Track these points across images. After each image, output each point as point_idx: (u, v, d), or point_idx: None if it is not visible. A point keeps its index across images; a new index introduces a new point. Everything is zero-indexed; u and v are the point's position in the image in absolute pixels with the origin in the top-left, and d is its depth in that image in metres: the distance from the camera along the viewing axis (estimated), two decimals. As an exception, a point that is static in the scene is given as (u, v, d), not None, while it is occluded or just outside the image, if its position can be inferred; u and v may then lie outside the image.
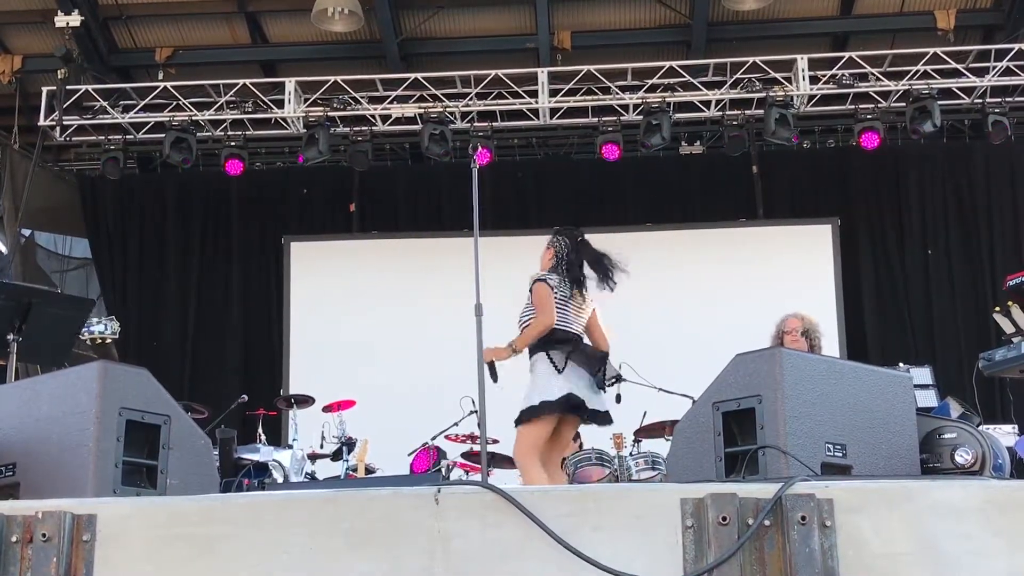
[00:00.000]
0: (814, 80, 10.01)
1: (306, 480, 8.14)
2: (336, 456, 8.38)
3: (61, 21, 9.97)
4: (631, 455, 7.78)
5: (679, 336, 10.24)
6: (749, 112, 10.25)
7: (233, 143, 10.45)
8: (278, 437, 9.52)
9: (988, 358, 5.17)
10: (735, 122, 10.27)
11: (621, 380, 5.62)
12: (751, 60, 10.01)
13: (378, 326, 10.69)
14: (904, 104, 9.98)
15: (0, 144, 10.98)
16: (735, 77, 10.04)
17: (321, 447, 8.60)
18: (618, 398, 5.78)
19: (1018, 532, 2.29)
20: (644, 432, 7.95)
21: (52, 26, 10.20)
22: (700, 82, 10.09)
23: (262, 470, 7.74)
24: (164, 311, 11.38)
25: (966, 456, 3.45)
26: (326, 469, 8.81)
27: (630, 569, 2.24)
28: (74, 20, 9.98)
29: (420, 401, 9.58)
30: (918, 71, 9.91)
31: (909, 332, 10.89)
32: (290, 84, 10.27)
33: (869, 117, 10.04)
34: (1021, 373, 5.05)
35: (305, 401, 8.87)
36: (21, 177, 10.89)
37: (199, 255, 11.56)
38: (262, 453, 8.09)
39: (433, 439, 8.43)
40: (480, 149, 7.64)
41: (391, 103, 10.34)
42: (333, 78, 10.26)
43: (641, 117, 10.08)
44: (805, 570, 2.19)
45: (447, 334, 9.02)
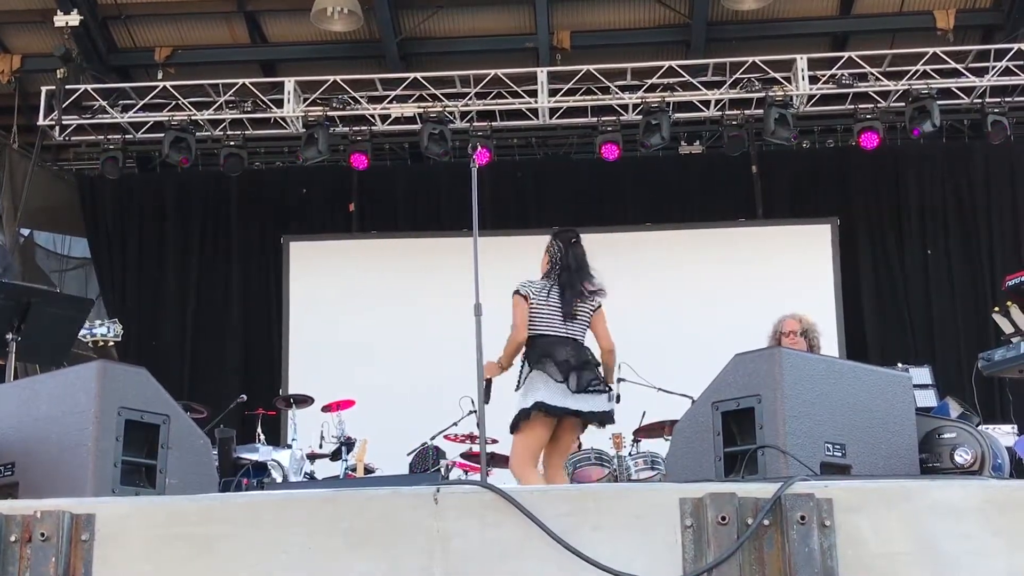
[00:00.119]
0: (813, 80, 10.00)
1: (305, 480, 8.14)
2: (335, 456, 8.38)
3: (60, 21, 9.96)
4: (630, 455, 7.80)
5: (678, 336, 10.24)
6: (748, 112, 10.25)
7: (232, 143, 10.45)
8: (277, 437, 9.52)
9: (987, 358, 5.17)
10: (734, 122, 10.26)
11: (609, 390, 5.60)
12: (750, 60, 10.01)
13: (377, 326, 10.69)
14: (903, 104, 9.97)
15: (-1, 143, 10.99)
16: (734, 77, 10.04)
17: (320, 447, 8.60)
18: (617, 398, 5.79)
19: (1017, 532, 2.29)
20: (643, 432, 7.96)
21: (51, 26, 10.19)
22: (699, 82, 10.08)
23: (261, 470, 7.75)
24: (163, 311, 11.38)
25: (965, 456, 3.45)
26: (325, 469, 8.80)
27: (629, 569, 2.24)
28: (73, 20, 9.97)
29: (419, 401, 9.58)
30: (917, 71, 9.91)
31: (908, 332, 10.89)
32: (289, 84, 10.27)
33: (868, 117, 10.04)
34: (1020, 373, 5.04)
35: (304, 401, 8.87)
36: (20, 176, 10.89)
37: (198, 255, 11.56)
38: (261, 453, 8.09)
39: (432, 439, 8.44)
40: (479, 149, 7.65)
41: (390, 103, 10.33)
42: (332, 78, 10.26)
43: (640, 117, 10.07)
44: (804, 570, 2.19)
45: (446, 334, 9.02)
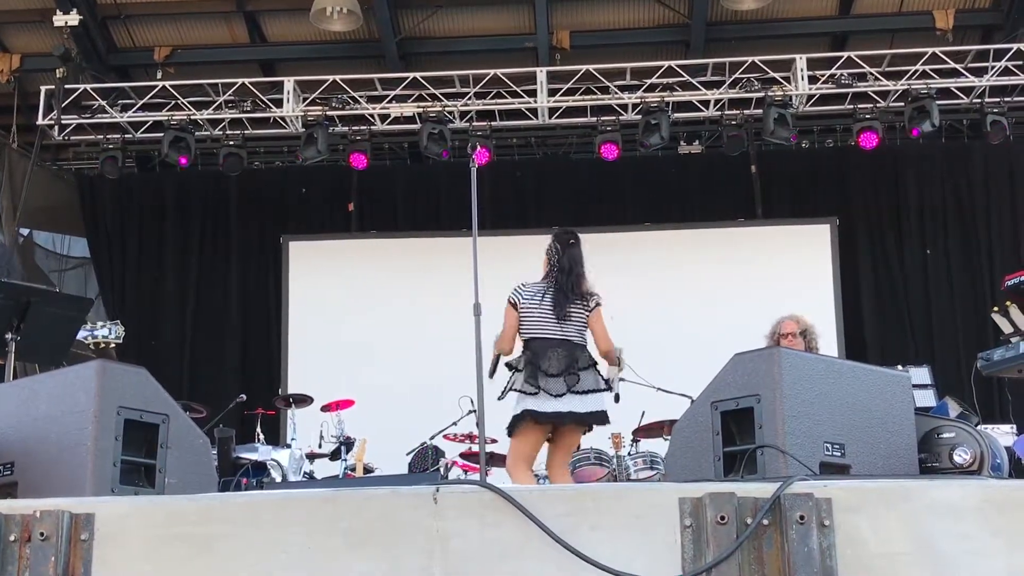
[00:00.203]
0: (813, 80, 10.00)
1: (304, 479, 8.14)
2: (334, 455, 8.37)
3: (60, 20, 9.96)
4: (629, 455, 7.81)
5: (678, 335, 10.23)
6: (748, 112, 10.24)
7: (232, 142, 10.45)
8: (276, 436, 9.51)
9: (987, 358, 5.17)
10: (734, 122, 10.25)
11: (608, 389, 5.61)
12: (750, 60, 10.00)
13: (377, 326, 10.69)
14: (903, 104, 9.97)
15: (-2, 143, 10.99)
16: (734, 77, 10.03)
17: (319, 446, 8.59)
18: (617, 398, 5.78)
19: (1016, 532, 2.29)
20: (642, 432, 7.96)
21: (51, 25, 10.19)
22: (699, 82, 10.07)
23: (260, 469, 7.75)
24: (163, 310, 11.38)
25: (964, 456, 3.45)
26: (324, 468, 8.79)
27: (629, 568, 2.23)
28: (72, 19, 9.96)
29: (419, 401, 9.57)
30: (917, 71, 9.91)
31: (908, 332, 10.89)
32: (289, 83, 10.26)
33: (868, 117, 10.03)
34: (1019, 373, 5.04)
35: (303, 400, 8.86)
36: (20, 176, 10.88)
37: (198, 254, 11.56)
38: (260, 452, 8.08)
39: (431, 439, 8.43)
40: (479, 148, 7.66)
41: (390, 102, 10.33)
42: (332, 77, 10.25)
43: (640, 117, 10.06)
44: (803, 569, 2.19)
45: (446, 334, 8.99)
